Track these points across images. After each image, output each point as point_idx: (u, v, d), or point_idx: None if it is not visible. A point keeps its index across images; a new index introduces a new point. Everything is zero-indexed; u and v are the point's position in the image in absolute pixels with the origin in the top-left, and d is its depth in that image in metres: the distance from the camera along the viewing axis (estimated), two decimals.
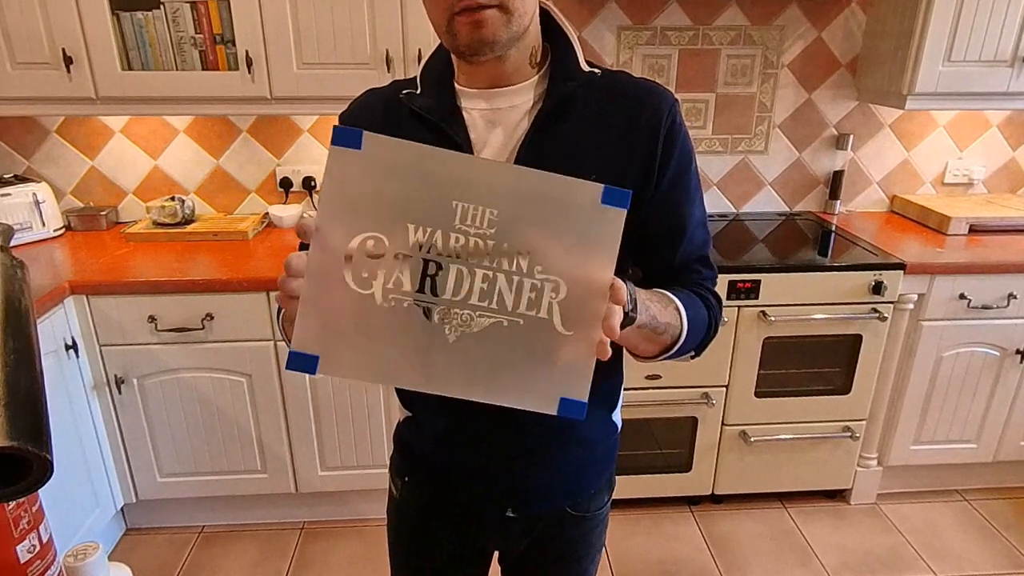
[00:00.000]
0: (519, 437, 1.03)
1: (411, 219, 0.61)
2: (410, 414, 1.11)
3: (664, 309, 0.89)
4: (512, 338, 0.63)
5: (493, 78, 0.93)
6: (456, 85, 0.96)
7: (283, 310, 0.88)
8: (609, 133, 0.93)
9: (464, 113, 0.95)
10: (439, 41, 0.98)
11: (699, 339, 0.96)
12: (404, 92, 0.97)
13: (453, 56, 0.95)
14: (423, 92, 0.97)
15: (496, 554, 1.22)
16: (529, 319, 0.63)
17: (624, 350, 1.05)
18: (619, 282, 0.65)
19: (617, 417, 1.12)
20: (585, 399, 0.64)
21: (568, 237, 0.63)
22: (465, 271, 0.62)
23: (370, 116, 0.99)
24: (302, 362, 0.61)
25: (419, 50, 2.12)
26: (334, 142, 0.61)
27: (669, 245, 0.99)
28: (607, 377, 1.07)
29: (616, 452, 1.17)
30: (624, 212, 0.63)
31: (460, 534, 1.14)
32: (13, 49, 2.08)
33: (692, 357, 1.00)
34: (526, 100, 0.94)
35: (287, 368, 0.62)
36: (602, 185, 0.62)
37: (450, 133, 0.93)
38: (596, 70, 0.96)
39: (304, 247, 0.88)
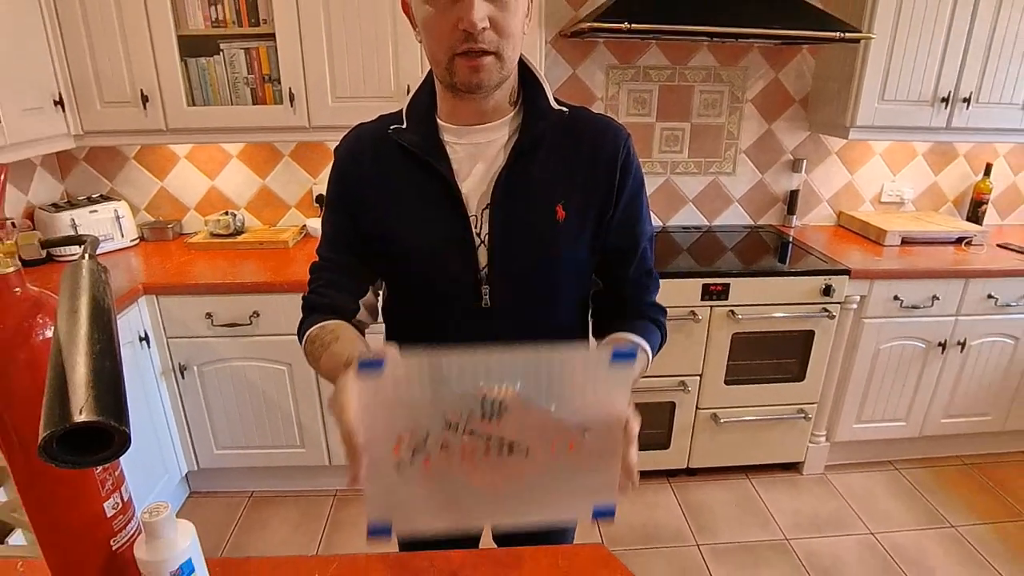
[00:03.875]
0: None
1: (444, 409, 0.60)
2: None
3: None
4: (548, 472, 0.62)
5: (477, 115, 0.90)
6: (439, 120, 0.92)
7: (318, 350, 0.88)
8: (574, 165, 0.92)
9: (448, 148, 0.91)
10: (422, 78, 0.96)
11: (654, 357, 0.97)
12: (392, 128, 0.93)
13: (437, 91, 0.92)
14: (409, 127, 0.93)
15: (488, 528, 1.18)
16: (560, 454, 0.62)
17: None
18: (632, 420, 0.64)
19: None
20: (615, 503, 0.63)
21: (587, 395, 0.61)
22: (495, 434, 0.61)
23: (362, 152, 0.95)
24: (379, 532, 0.61)
25: None
26: (359, 371, 0.58)
27: (625, 262, 0.97)
28: None
29: None
30: (632, 364, 0.61)
31: None
32: (103, 92, 2.11)
33: None
34: (503, 135, 0.91)
35: (369, 538, 0.60)
36: (611, 348, 0.60)
37: (436, 166, 0.89)
38: (564, 108, 0.93)
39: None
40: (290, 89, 2.13)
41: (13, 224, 2.24)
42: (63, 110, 2.07)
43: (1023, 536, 2.27)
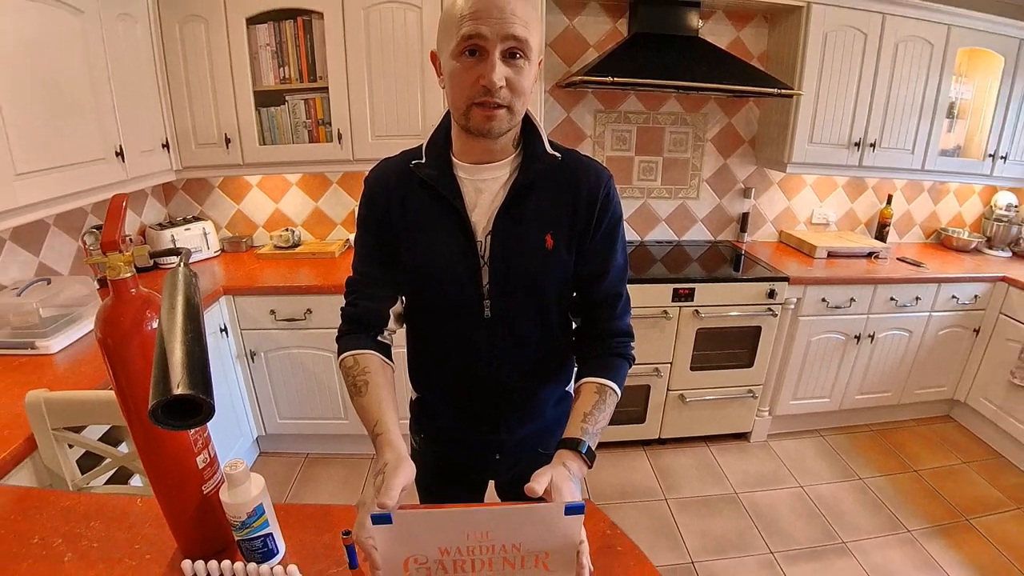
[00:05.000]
0: (504, 415, 1.00)
1: (439, 544, 0.64)
2: (418, 395, 1.06)
3: (604, 410, 0.87)
4: None
5: (486, 154, 0.87)
6: (452, 157, 0.89)
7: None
8: (562, 202, 0.89)
9: (460, 183, 0.88)
10: (439, 120, 0.93)
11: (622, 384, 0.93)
12: (413, 162, 0.89)
13: (453, 132, 0.89)
14: (427, 163, 0.89)
15: (492, 483, 1.18)
16: (528, 569, 0.66)
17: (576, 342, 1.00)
18: (583, 544, 0.65)
19: (571, 388, 1.06)
20: None
21: (548, 535, 0.64)
22: (477, 561, 0.65)
23: (386, 184, 0.91)
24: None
25: None
26: (373, 522, 0.62)
27: (595, 282, 0.93)
28: (566, 361, 1.03)
29: (569, 411, 1.14)
30: (583, 515, 0.64)
31: (464, 472, 1.10)
32: (197, 136, 2.15)
33: None
34: (505, 174, 0.88)
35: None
36: (564, 504, 0.63)
37: (449, 198, 0.87)
38: (557, 154, 0.89)
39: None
40: (339, 130, 2.16)
41: (130, 240, 2.29)
42: (168, 151, 2.11)
43: (911, 485, 2.31)
